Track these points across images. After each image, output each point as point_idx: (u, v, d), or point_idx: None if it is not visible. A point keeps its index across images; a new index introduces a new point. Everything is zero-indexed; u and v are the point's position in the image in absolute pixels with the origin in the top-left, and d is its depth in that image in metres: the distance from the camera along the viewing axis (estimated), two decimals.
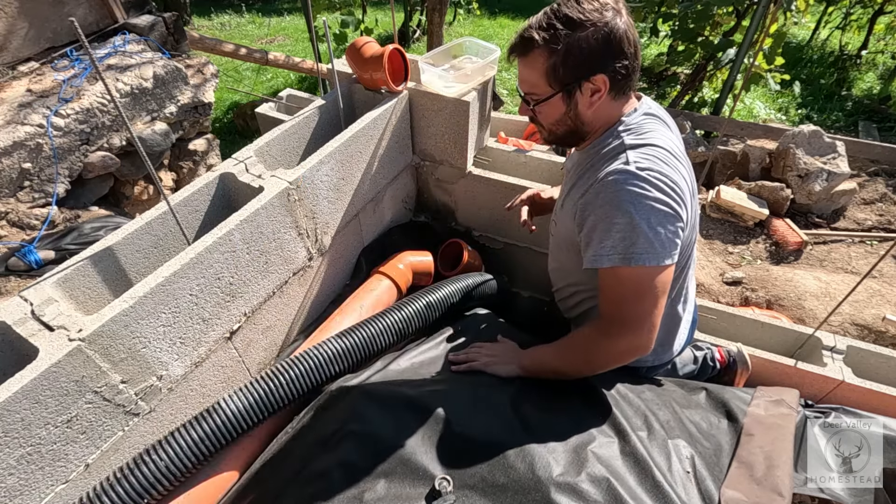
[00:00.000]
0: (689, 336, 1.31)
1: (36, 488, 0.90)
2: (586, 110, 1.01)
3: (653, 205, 0.91)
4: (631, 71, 0.97)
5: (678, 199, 0.93)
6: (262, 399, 1.08)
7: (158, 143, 3.12)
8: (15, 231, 2.52)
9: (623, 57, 0.95)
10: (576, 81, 0.97)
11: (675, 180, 0.93)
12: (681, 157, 1.01)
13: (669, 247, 0.93)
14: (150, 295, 1.00)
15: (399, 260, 1.68)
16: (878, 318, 2.74)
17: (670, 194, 0.92)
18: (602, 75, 0.95)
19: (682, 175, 0.97)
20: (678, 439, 1.03)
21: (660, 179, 0.92)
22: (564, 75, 0.96)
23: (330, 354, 1.17)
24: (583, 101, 1.00)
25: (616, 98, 1.01)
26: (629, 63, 0.96)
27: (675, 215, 0.93)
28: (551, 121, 1.05)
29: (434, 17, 5.19)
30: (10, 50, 2.88)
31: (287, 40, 7.67)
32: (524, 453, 0.89)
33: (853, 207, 3.94)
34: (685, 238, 1.00)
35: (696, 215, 1.09)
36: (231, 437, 1.04)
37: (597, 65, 0.94)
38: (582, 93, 0.98)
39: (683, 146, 1.08)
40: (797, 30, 7.72)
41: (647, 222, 0.91)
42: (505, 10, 9.24)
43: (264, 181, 1.29)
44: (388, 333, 1.27)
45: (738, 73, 4.34)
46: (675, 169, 0.95)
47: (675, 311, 1.18)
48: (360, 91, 1.73)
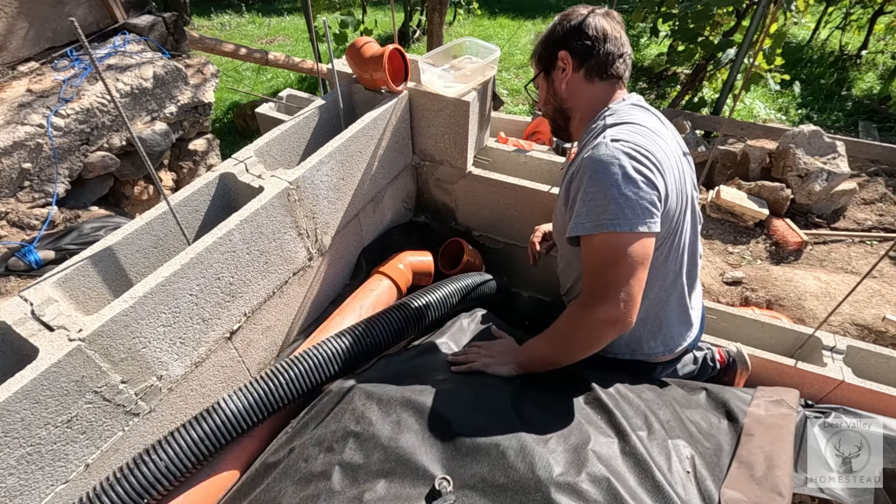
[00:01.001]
0: (699, 331, 1.30)
1: (36, 488, 0.90)
2: (560, 87, 1.16)
3: (624, 172, 0.94)
4: (598, 52, 1.10)
5: (653, 167, 0.96)
6: (262, 399, 1.08)
7: (158, 143, 3.12)
8: (15, 231, 2.52)
9: (584, 38, 1.10)
10: (549, 60, 1.16)
11: (650, 150, 0.97)
12: (664, 136, 1.06)
13: (642, 214, 0.94)
14: (150, 295, 1.00)
15: (399, 260, 1.68)
16: (878, 318, 2.74)
17: (643, 162, 0.95)
18: (563, 51, 1.12)
19: (662, 149, 1.01)
20: (678, 439, 1.03)
21: (633, 148, 0.96)
22: (541, 57, 1.19)
23: (329, 354, 1.17)
24: (557, 79, 1.17)
25: (591, 80, 1.13)
26: (593, 45, 1.10)
27: (648, 182, 0.95)
28: (542, 100, 1.24)
29: (434, 17, 5.19)
30: (10, 50, 2.88)
31: (287, 40, 7.67)
32: (524, 453, 0.89)
33: (853, 207, 3.94)
34: (670, 210, 1.01)
35: (689, 199, 1.09)
36: (231, 437, 1.04)
37: (561, 44, 1.13)
38: (555, 69, 1.16)
39: (674, 136, 1.13)
40: (797, 30, 7.72)
41: (618, 188, 0.94)
42: (505, 10, 9.24)
43: (264, 181, 1.29)
44: (387, 333, 1.27)
45: (738, 73, 4.34)
46: (652, 142, 1.00)
47: (677, 297, 1.18)
48: (360, 91, 1.73)
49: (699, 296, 1.31)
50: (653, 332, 1.21)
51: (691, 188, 1.12)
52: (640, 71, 6.83)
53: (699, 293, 1.31)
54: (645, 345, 1.23)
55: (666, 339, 1.22)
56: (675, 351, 1.25)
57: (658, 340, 1.22)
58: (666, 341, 1.23)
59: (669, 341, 1.23)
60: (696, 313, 1.28)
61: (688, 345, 1.26)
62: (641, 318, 1.14)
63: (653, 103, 6.00)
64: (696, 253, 1.21)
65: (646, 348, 1.23)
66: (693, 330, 1.26)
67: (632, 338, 1.22)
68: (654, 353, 1.24)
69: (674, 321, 1.21)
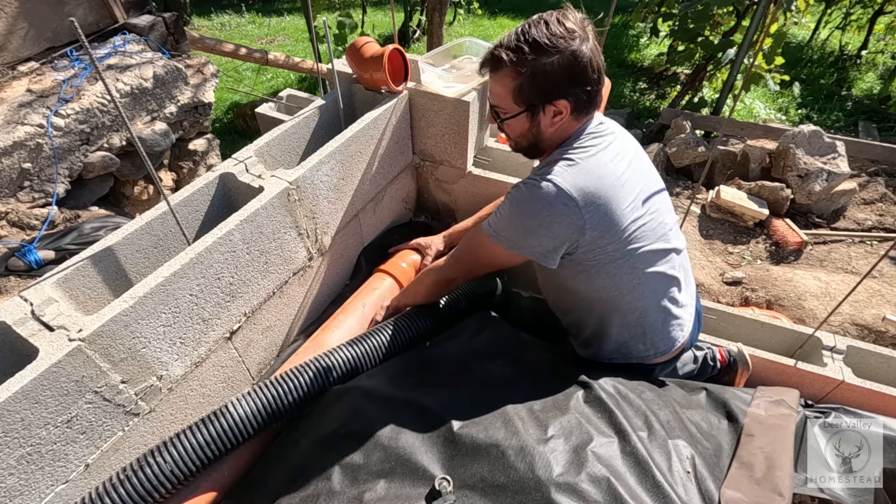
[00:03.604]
0: (694, 329, 1.29)
1: (36, 488, 0.90)
2: (548, 129, 1.08)
3: (535, 217, 1.03)
4: (594, 94, 1.04)
5: (571, 215, 1.00)
6: (268, 405, 1.08)
7: (158, 143, 3.12)
8: (15, 231, 2.52)
9: (587, 83, 1.01)
10: (540, 103, 1.03)
11: (583, 191, 1.00)
12: (611, 174, 1.05)
13: (529, 248, 1.07)
14: (150, 295, 1.00)
15: (401, 258, 1.68)
16: (878, 318, 2.74)
17: (561, 211, 1.00)
18: (564, 100, 1.02)
19: (603, 180, 1.03)
20: (678, 439, 1.03)
21: (560, 195, 0.99)
22: (530, 96, 1.03)
23: (334, 363, 1.18)
24: (545, 121, 1.06)
25: (578, 118, 1.08)
26: (592, 88, 1.02)
27: (551, 235, 1.03)
28: (515, 134, 1.13)
29: (434, 17, 5.20)
30: (10, 50, 2.88)
31: (287, 40, 7.68)
32: (524, 453, 0.89)
33: (853, 207, 3.94)
34: (605, 236, 1.04)
35: (645, 211, 1.10)
36: (235, 443, 1.04)
37: (560, 90, 1.01)
38: (545, 113, 1.05)
39: (635, 154, 1.14)
40: (797, 30, 7.72)
41: (524, 226, 1.06)
42: (505, 10, 9.24)
43: (264, 181, 1.29)
44: (394, 345, 1.28)
45: (738, 73, 4.35)
46: (596, 178, 1.02)
47: (654, 304, 1.17)
48: (360, 91, 1.72)
49: (692, 293, 1.28)
50: (639, 337, 1.20)
51: (651, 195, 1.12)
52: (640, 71, 6.83)
53: (691, 290, 1.28)
54: (634, 349, 1.22)
55: (655, 343, 1.21)
56: (668, 352, 1.24)
57: (647, 344, 1.21)
58: (656, 344, 1.22)
59: (659, 344, 1.22)
60: (688, 311, 1.25)
61: (682, 344, 1.25)
62: (624, 325, 1.18)
63: (653, 103, 6.00)
64: (672, 254, 1.16)
65: (636, 352, 1.22)
66: (686, 329, 1.24)
67: (620, 343, 1.21)
68: (646, 357, 1.23)
69: (658, 325, 1.19)
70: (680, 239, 1.21)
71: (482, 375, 1.16)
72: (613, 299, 1.14)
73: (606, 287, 1.12)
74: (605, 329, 1.20)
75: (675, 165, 4.34)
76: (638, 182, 1.10)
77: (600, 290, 1.13)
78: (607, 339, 1.21)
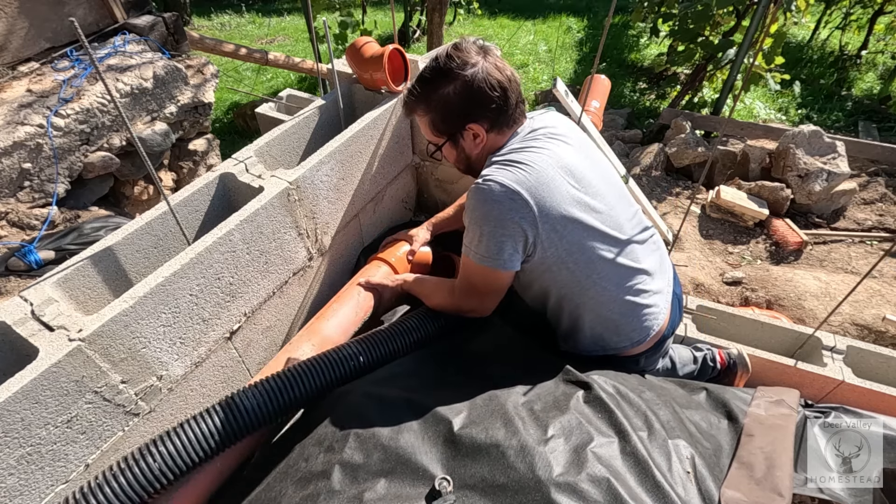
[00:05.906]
0: (675, 314, 1.27)
1: (36, 488, 0.90)
2: (473, 151, 1.15)
3: (478, 215, 1.04)
4: (505, 108, 1.08)
5: (511, 203, 1.01)
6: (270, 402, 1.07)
7: (158, 143, 3.12)
8: (15, 231, 2.52)
9: (489, 102, 1.06)
10: (456, 131, 1.12)
11: (517, 185, 1.01)
12: (546, 170, 1.05)
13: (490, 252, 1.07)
14: (150, 295, 1.00)
15: (398, 248, 1.66)
16: (878, 318, 2.74)
17: (501, 201, 1.01)
18: (475, 123, 1.09)
19: (542, 180, 1.04)
20: (678, 439, 1.03)
21: (494, 187, 1.01)
22: (444, 127, 1.13)
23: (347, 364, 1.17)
24: (468, 145, 1.14)
25: (502, 132, 1.12)
26: (498, 105, 1.07)
27: (499, 224, 1.03)
28: (452, 160, 1.21)
29: (434, 17, 5.20)
30: (10, 50, 2.88)
31: (287, 40, 7.68)
32: (524, 453, 0.89)
33: (853, 207, 3.94)
34: (559, 232, 1.06)
35: (596, 208, 1.10)
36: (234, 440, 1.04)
37: (466, 115, 1.08)
38: (464, 139, 1.13)
39: (580, 151, 1.15)
40: (797, 30, 7.72)
41: (472, 230, 1.08)
42: (505, 10, 9.24)
43: (264, 181, 1.29)
44: (399, 352, 1.27)
45: (738, 73, 4.34)
46: (532, 175, 1.03)
47: (614, 297, 1.16)
48: (360, 91, 1.73)
49: (668, 279, 1.26)
50: (612, 330, 1.20)
51: (601, 189, 1.12)
52: (640, 71, 6.83)
53: (667, 276, 1.26)
54: (609, 341, 1.21)
55: (628, 334, 1.20)
56: (643, 342, 1.22)
57: (620, 336, 1.20)
58: (629, 335, 1.20)
59: (633, 334, 1.20)
60: (662, 298, 1.22)
61: (660, 332, 1.23)
62: (594, 318, 1.19)
63: (653, 103, 6.00)
64: (632, 244, 1.15)
65: (612, 344, 1.22)
66: (661, 317, 1.21)
67: (595, 336, 1.21)
68: (622, 348, 1.22)
69: (627, 316, 1.18)
70: (639, 228, 1.20)
71: (483, 376, 1.16)
72: (577, 294, 1.15)
73: (568, 283, 1.14)
74: (577, 324, 1.21)
75: (675, 165, 4.34)
76: (584, 177, 1.11)
77: (563, 286, 1.15)
78: (581, 333, 1.22)
